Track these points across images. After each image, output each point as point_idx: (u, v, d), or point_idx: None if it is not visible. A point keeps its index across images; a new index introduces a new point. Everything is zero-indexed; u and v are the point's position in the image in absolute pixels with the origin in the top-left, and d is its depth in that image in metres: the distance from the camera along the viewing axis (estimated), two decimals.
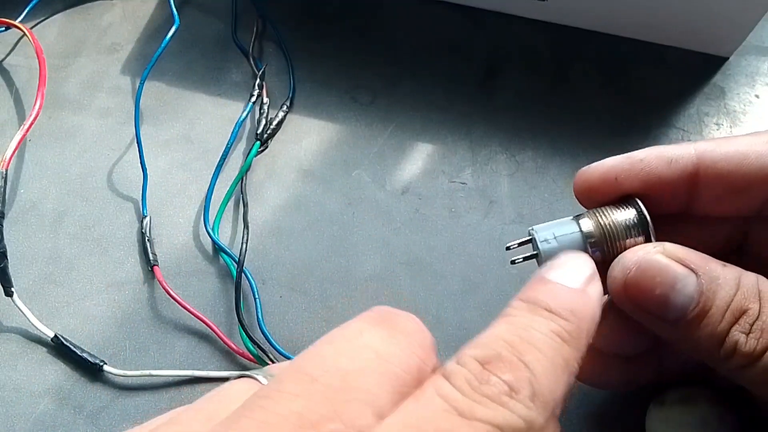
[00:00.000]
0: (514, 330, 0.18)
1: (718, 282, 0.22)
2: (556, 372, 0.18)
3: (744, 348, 0.21)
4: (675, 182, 0.23)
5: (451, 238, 0.34)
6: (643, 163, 0.24)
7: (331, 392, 0.16)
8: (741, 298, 0.21)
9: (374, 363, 0.17)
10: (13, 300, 0.32)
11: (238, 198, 0.36)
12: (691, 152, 0.23)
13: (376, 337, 0.18)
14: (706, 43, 0.39)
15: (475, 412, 0.16)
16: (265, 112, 0.38)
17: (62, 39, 0.42)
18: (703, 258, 0.22)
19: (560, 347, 0.18)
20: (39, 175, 0.37)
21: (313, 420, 0.15)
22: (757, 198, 0.23)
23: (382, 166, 0.37)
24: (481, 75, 0.39)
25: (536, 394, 0.17)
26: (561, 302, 0.19)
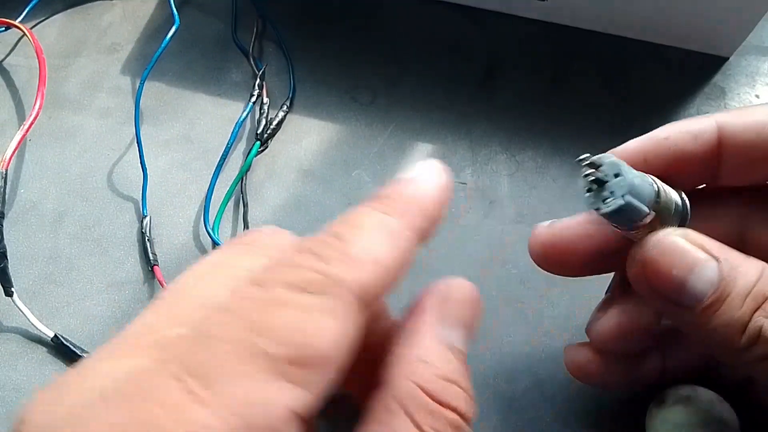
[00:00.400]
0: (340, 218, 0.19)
1: (739, 269, 0.21)
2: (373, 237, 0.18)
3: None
4: (701, 156, 0.23)
5: (451, 238, 0.34)
6: (669, 141, 0.24)
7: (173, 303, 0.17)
8: (764, 285, 0.21)
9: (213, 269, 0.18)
10: (13, 300, 0.32)
11: (238, 198, 0.36)
12: (713, 125, 0.23)
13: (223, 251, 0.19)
14: (706, 43, 0.39)
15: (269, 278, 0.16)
16: (265, 112, 0.38)
17: (62, 39, 0.42)
18: (725, 247, 0.22)
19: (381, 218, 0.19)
20: (39, 175, 0.37)
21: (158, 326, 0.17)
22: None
23: (382, 166, 0.37)
24: (481, 75, 0.39)
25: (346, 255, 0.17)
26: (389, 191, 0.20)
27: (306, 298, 0.16)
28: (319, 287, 0.16)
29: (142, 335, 0.17)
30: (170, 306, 0.17)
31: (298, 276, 0.16)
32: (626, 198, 0.21)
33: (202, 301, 0.17)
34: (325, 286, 0.16)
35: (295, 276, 0.16)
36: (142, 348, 0.16)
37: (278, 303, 0.16)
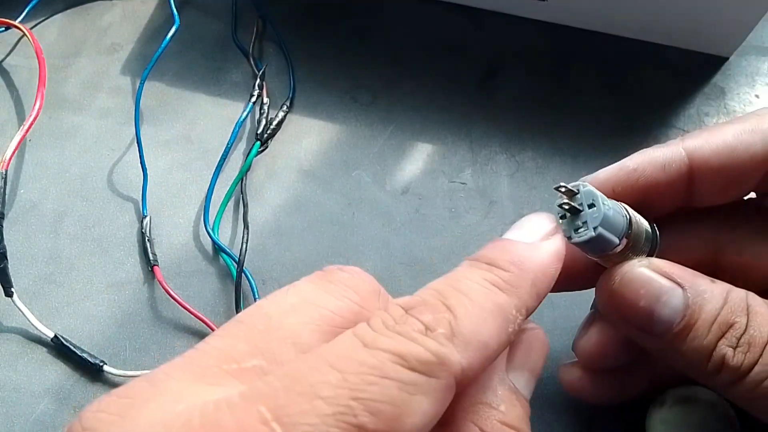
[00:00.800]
0: (447, 280, 0.18)
1: (705, 296, 0.22)
2: (483, 315, 0.17)
3: (732, 362, 0.21)
4: (671, 186, 0.24)
5: (451, 238, 0.34)
6: (637, 172, 0.24)
7: (254, 332, 0.17)
8: (728, 312, 0.21)
9: (298, 305, 0.18)
10: (13, 300, 0.32)
11: (238, 198, 0.36)
12: (681, 153, 0.23)
13: (307, 286, 0.19)
14: (706, 43, 0.39)
15: (378, 342, 0.16)
16: (265, 112, 0.38)
17: (62, 39, 0.42)
18: (690, 273, 0.22)
19: (492, 294, 0.18)
20: (39, 175, 0.37)
21: (235, 355, 0.16)
22: (748, 184, 0.24)
23: (382, 166, 0.37)
24: (481, 75, 0.39)
25: (455, 334, 0.16)
26: (503, 255, 0.19)
27: (412, 376, 0.16)
28: (426, 367, 0.16)
29: (222, 360, 0.16)
30: (251, 333, 0.17)
31: (407, 349, 0.16)
32: (598, 230, 0.21)
33: (285, 336, 0.17)
34: (432, 367, 0.16)
35: (404, 348, 0.16)
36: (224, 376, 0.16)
37: (384, 374, 0.15)
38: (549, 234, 0.21)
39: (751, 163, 0.23)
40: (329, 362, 0.16)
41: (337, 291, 0.18)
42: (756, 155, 0.23)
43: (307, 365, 0.16)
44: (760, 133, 0.23)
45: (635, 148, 0.36)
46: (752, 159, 0.23)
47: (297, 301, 0.18)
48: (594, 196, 0.22)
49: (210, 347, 0.17)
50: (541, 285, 0.19)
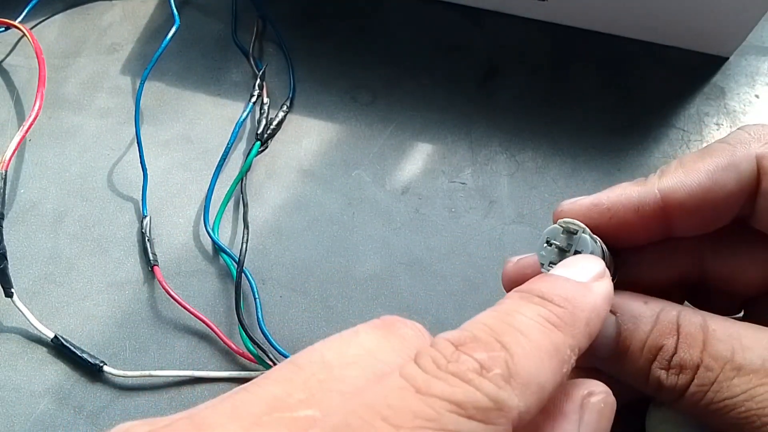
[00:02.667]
0: (498, 315, 0.18)
1: (635, 320, 0.22)
2: (540, 355, 0.17)
3: (666, 383, 0.21)
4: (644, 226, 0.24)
5: (451, 238, 0.34)
6: (610, 212, 0.24)
7: (313, 381, 0.16)
8: (657, 335, 0.22)
9: (361, 358, 0.17)
10: (13, 301, 0.32)
11: (238, 198, 0.36)
12: (655, 196, 0.23)
13: (370, 337, 0.18)
14: (706, 43, 0.39)
15: (432, 387, 0.15)
16: (265, 112, 0.38)
17: (62, 39, 0.42)
18: (623, 296, 0.22)
19: (549, 332, 0.18)
20: (39, 175, 0.37)
21: (290, 403, 0.15)
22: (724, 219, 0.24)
23: (382, 166, 0.37)
24: (481, 75, 0.39)
25: (513, 375, 0.16)
26: (556, 290, 0.19)
27: (469, 425, 0.15)
28: (483, 415, 0.15)
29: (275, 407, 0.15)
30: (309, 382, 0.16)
31: (464, 395, 0.15)
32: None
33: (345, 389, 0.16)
34: (490, 414, 0.15)
35: (461, 394, 0.15)
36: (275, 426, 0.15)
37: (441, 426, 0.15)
38: (599, 276, 0.21)
39: (726, 202, 0.23)
40: (380, 414, 0.15)
41: (402, 347, 0.17)
42: (731, 194, 0.23)
43: (356, 417, 0.15)
44: (733, 169, 0.23)
45: (635, 148, 0.36)
46: (727, 198, 0.23)
47: (360, 353, 0.17)
48: (585, 247, 0.22)
49: (264, 392, 0.16)
50: (594, 325, 0.19)
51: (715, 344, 0.21)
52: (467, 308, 0.32)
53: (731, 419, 0.20)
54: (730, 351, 0.21)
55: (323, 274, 0.34)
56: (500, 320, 0.17)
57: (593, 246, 0.23)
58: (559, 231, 0.23)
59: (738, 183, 0.23)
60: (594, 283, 0.20)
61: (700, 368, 0.21)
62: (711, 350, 0.21)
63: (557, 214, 0.26)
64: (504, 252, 0.26)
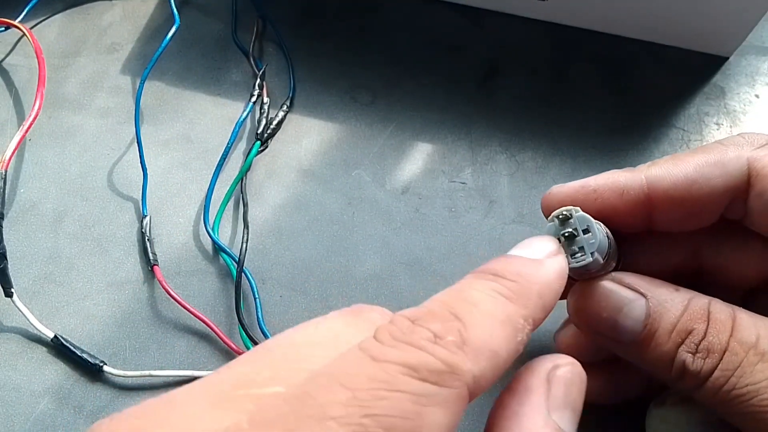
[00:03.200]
0: (453, 291, 0.18)
1: (666, 305, 0.22)
2: (492, 324, 0.17)
3: (691, 367, 0.21)
4: (628, 211, 0.24)
5: (451, 238, 0.34)
6: (596, 193, 0.24)
7: (280, 360, 0.17)
8: (687, 319, 0.22)
9: (327, 339, 0.18)
10: (12, 301, 0.32)
11: (238, 198, 0.36)
12: (641, 181, 0.24)
13: (338, 321, 0.18)
14: (706, 43, 0.39)
15: (387, 355, 0.16)
16: (265, 112, 0.38)
17: (62, 39, 0.42)
18: (654, 283, 0.23)
19: (500, 303, 0.18)
20: (39, 175, 0.37)
21: (257, 380, 0.16)
22: (709, 216, 0.24)
23: (382, 166, 0.37)
24: (481, 75, 0.39)
25: (465, 342, 0.16)
26: (509, 267, 0.19)
27: (424, 387, 0.15)
28: (437, 377, 0.16)
29: (242, 385, 0.16)
30: (276, 361, 0.17)
31: (417, 359, 0.16)
32: (594, 255, 0.22)
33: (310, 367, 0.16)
34: (443, 377, 0.16)
35: (414, 358, 0.16)
36: (242, 401, 0.15)
37: (394, 387, 0.15)
38: (552, 254, 0.21)
39: (710, 197, 0.23)
40: (338, 380, 0.15)
41: (367, 330, 0.18)
42: (715, 189, 0.23)
43: (316, 385, 0.15)
44: (720, 166, 0.23)
45: (635, 148, 0.36)
46: (711, 193, 0.23)
47: (326, 334, 0.18)
48: (588, 222, 0.22)
49: (232, 371, 0.16)
50: (547, 298, 0.19)
51: (741, 330, 0.21)
52: None
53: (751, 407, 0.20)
54: (754, 337, 0.21)
55: (323, 274, 0.34)
56: (454, 295, 0.18)
57: (595, 224, 0.22)
58: (556, 224, 0.23)
59: (724, 180, 0.23)
60: (547, 259, 0.21)
61: (727, 352, 0.21)
62: (737, 335, 0.21)
63: (546, 198, 0.26)
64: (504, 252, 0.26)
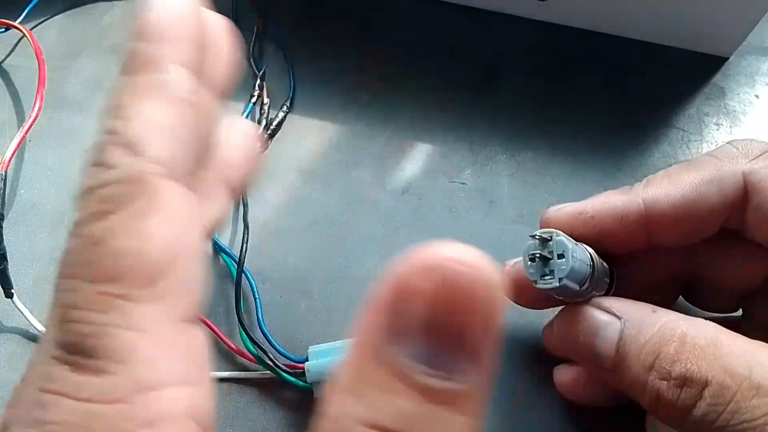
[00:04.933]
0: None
1: (640, 326, 0.21)
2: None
3: (666, 395, 0.20)
4: (627, 234, 0.24)
5: (451, 238, 0.34)
6: (594, 220, 0.24)
7: None
8: (656, 341, 0.20)
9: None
10: (13, 302, 0.32)
11: (237, 198, 0.36)
12: (639, 206, 0.23)
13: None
14: (706, 43, 0.39)
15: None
16: (265, 113, 0.38)
17: (62, 39, 0.42)
18: (633, 305, 0.22)
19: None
20: (39, 176, 0.37)
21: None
22: (708, 231, 0.24)
23: (382, 166, 0.37)
24: (481, 75, 0.39)
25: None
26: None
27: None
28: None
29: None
30: None
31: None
32: (563, 282, 0.22)
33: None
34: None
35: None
36: None
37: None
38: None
39: (709, 215, 0.23)
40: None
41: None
42: (714, 206, 0.23)
43: None
44: (717, 183, 0.23)
45: (635, 148, 0.36)
46: (710, 211, 0.23)
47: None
48: (565, 248, 0.22)
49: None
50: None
51: (731, 359, 0.19)
52: None
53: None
54: (747, 368, 0.19)
55: (323, 275, 0.34)
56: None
57: (573, 245, 0.23)
58: (536, 243, 0.23)
59: (721, 197, 0.23)
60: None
61: (713, 384, 0.19)
62: (727, 366, 0.19)
63: (543, 222, 0.26)
64: (504, 252, 0.26)
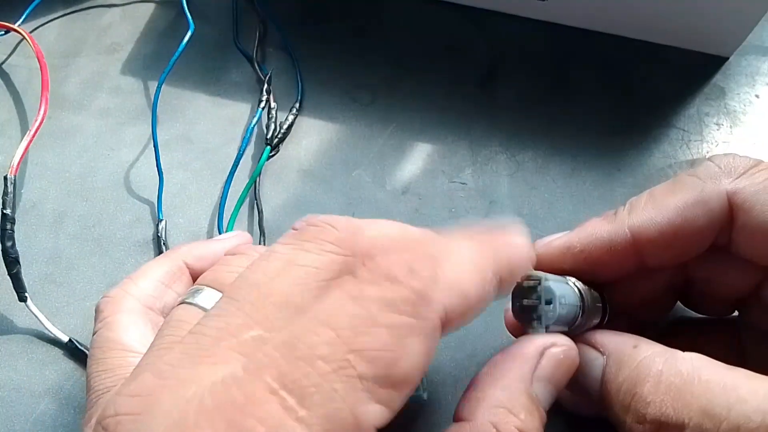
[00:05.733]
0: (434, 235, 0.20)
1: (620, 363, 0.21)
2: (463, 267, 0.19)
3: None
4: (617, 262, 0.24)
5: None
6: (584, 254, 0.24)
7: (246, 304, 0.17)
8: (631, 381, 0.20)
9: (283, 269, 0.18)
10: (27, 305, 0.32)
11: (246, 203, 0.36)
12: (626, 234, 0.23)
13: (286, 248, 0.19)
14: (706, 43, 0.39)
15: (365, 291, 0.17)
16: (273, 117, 0.38)
17: (62, 39, 0.42)
18: (616, 339, 0.22)
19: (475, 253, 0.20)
20: (39, 176, 0.37)
21: (232, 330, 0.16)
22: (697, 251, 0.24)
23: (382, 166, 0.37)
24: (481, 75, 0.39)
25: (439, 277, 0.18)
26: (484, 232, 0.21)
27: (401, 319, 0.16)
28: (412, 309, 0.17)
29: (220, 338, 0.16)
30: (243, 306, 0.17)
31: (392, 292, 0.17)
32: (550, 328, 0.22)
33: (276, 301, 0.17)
34: (418, 307, 0.17)
35: (389, 292, 0.17)
36: (226, 352, 0.16)
37: (374, 322, 0.16)
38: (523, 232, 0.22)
39: (697, 236, 0.23)
40: (321, 321, 0.16)
41: (315, 246, 0.18)
42: (701, 228, 0.23)
43: (302, 328, 0.16)
44: (701, 205, 0.23)
45: (635, 148, 0.36)
46: (697, 232, 0.23)
47: (280, 265, 0.18)
48: (552, 296, 0.22)
49: (206, 328, 0.17)
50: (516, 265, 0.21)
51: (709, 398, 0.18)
52: None
53: None
54: (726, 408, 0.18)
55: None
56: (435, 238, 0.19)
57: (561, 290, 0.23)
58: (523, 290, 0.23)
59: (708, 219, 0.22)
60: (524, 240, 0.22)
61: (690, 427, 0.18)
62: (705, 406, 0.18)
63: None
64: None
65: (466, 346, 0.31)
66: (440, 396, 0.30)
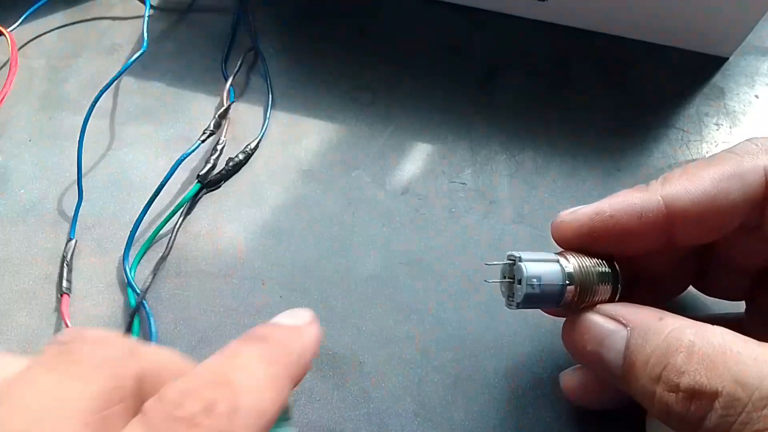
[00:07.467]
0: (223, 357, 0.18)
1: (646, 335, 0.21)
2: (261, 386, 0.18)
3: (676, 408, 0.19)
4: (648, 233, 0.23)
5: (451, 238, 0.34)
6: (613, 219, 0.23)
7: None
8: (662, 352, 0.20)
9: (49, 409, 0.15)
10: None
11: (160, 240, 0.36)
12: (659, 203, 0.23)
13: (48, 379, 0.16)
14: (706, 43, 0.39)
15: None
16: (217, 153, 0.36)
17: (62, 40, 0.42)
18: (639, 312, 0.22)
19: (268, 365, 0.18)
20: (39, 176, 0.37)
21: None
22: (729, 228, 0.23)
23: (382, 166, 0.37)
24: (481, 75, 0.39)
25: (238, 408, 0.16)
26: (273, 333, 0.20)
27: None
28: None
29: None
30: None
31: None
32: (520, 306, 0.24)
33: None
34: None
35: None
36: None
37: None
38: (309, 323, 0.22)
39: (731, 211, 0.22)
40: None
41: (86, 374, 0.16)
42: (735, 202, 0.22)
43: None
44: (738, 178, 0.22)
45: (635, 148, 0.36)
46: (732, 206, 0.22)
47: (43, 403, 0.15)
48: (521, 275, 0.23)
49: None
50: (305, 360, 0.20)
51: (741, 368, 0.18)
52: (467, 308, 0.32)
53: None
54: (758, 377, 0.18)
55: (323, 275, 0.34)
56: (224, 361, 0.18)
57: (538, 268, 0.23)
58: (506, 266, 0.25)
59: (743, 193, 0.22)
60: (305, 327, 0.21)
61: (723, 396, 0.18)
62: (737, 375, 0.18)
63: (558, 227, 0.25)
64: (503, 252, 0.26)
65: (466, 346, 0.31)
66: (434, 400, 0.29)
